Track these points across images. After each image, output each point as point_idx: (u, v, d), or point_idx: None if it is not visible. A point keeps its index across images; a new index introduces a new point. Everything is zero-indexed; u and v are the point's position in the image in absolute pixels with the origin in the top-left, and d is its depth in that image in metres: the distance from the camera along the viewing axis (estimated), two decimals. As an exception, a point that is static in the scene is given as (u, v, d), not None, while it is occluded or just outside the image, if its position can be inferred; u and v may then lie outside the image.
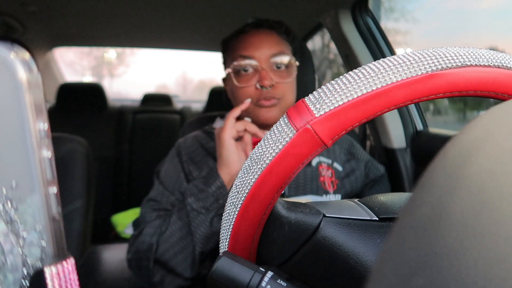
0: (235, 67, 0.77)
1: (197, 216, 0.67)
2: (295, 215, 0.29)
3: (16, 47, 0.18)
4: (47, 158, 0.18)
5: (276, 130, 0.26)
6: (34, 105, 0.18)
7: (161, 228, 0.71)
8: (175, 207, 0.75)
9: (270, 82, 0.74)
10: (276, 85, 0.75)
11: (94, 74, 18.31)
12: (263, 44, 0.76)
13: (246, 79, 0.76)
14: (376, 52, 1.13)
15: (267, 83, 0.73)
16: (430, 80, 0.24)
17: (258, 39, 0.76)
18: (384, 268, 0.13)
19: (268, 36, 0.77)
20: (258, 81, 0.74)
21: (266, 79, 0.73)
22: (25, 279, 0.19)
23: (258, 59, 0.75)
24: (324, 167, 0.82)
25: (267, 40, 0.76)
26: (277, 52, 0.76)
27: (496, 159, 0.13)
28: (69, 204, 0.94)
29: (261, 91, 0.74)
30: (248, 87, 0.76)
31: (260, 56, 0.75)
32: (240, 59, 0.76)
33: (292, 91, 0.79)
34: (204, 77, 27.48)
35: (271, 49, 0.75)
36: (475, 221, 0.11)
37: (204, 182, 0.69)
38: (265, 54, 0.75)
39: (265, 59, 0.75)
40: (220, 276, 0.27)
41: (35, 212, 0.19)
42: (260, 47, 0.75)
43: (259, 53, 0.75)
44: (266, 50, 0.75)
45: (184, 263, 0.68)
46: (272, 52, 0.75)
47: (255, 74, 0.75)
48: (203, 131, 0.86)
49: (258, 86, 0.74)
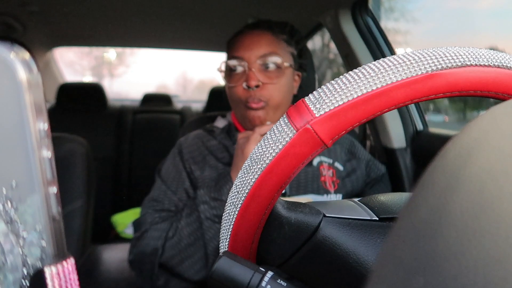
0: (226, 67, 0.78)
1: (212, 225, 0.68)
2: (295, 215, 0.29)
3: (16, 47, 0.18)
4: (47, 158, 0.18)
5: (276, 130, 0.26)
6: (34, 105, 0.18)
7: (167, 233, 0.70)
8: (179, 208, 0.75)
9: (256, 82, 0.74)
10: (263, 86, 0.75)
11: (94, 74, 18.30)
12: (254, 45, 0.76)
13: (235, 79, 0.77)
14: (376, 52, 1.13)
15: (253, 83, 0.73)
16: (430, 80, 0.24)
17: (250, 40, 0.77)
18: (384, 268, 0.13)
19: (260, 37, 0.77)
20: (245, 81, 0.75)
21: (253, 79, 0.74)
22: (25, 279, 0.19)
23: (248, 59, 0.75)
24: (325, 167, 0.82)
25: (258, 41, 0.76)
26: (267, 53, 0.75)
27: (496, 160, 0.13)
28: (69, 204, 0.94)
29: (249, 91, 0.75)
30: (237, 86, 0.76)
31: (249, 56, 0.75)
32: (231, 59, 0.77)
33: (280, 93, 0.77)
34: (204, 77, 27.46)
35: (261, 49, 0.75)
36: (475, 221, 0.11)
37: (217, 190, 0.69)
38: (255, 54, 0.75)
39: (254, 60, 0.75)
40: (220, 276, 0.27)
41: (35, 212, 0.19)
42: (251, 48, 0.76)
43: (248, 53, 0.75)
44: (255, 51, 0.75)
45: (192, 269, 0.69)
46: (262, 53, 0.75)
47: (244, 74, 0.76)
48: (205, 130, 0.86)
49: (244, 86, 0.75)
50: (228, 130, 0.84)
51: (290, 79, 0.80)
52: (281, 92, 0.77)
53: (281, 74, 0.77)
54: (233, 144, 0.81)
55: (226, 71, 0.79)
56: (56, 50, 2.21)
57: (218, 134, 0.84)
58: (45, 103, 0.19)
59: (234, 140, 0.82)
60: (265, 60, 0.75)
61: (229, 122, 0.86)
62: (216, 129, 0.85)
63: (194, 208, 0.70)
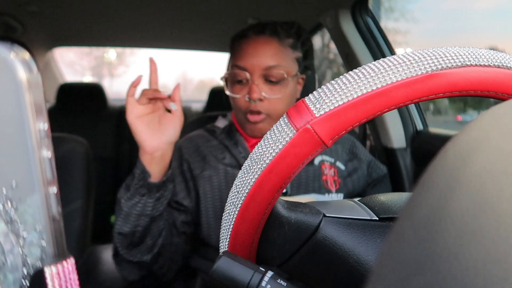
0: (229, 76, 0.78)
1: (127, 200, 0.66)
2: (295, 215, 0.29)
3: (16, 47, 0.18)
4: (47, 158, 0.18)
5: (276, 130, 0.26)
6: (34, 105, 0.18)
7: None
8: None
9: (258, 96, 0.73)
10: (265, 99, 0.74)
11: (94, 74, 18.30)
12: (259, 54, 0.74)
13: (237, 89, 0.76)
14: (376, 52, 1.13)
15: (255, 96, 0.73)
16: (430, 80, 0.24)
17: (255, 49, 0.75)
18: (384, 268, 0.13)
19: (266, 45, 0.75)
20: (248, 93, 0.74)
21: (255, 92, 0.73)
22: (25, 279, 0.19)
23: (251, 71, 0.74)
24: (326, 166, 0.82)
25: (263, 50, 0.75)
26: (272, 65, 0.74)
27: (496, 159, 0.13)
28: (69, 204, 0.94)
29: (250, 103, 0.74)
30: (240, 97, 0.76)
31: (253, 67, 0.74)
32: (234, 69, 0.76)
33: (283, 105, 0.77)
34: (204, 77, 27.46)
35: (267, 60, 0.74)
36: (474, 221, 0.11)
37: (131, 177, 0.68)
38: (259, 66, 0.74)
39: (258, 71, 0.74)
40: (220, 276, 0.27)
41: (35, 212, 0.19)
42: (255, 57, 0.74)
43: (253, 64, 0.74)
44: (261, 61, 0.74)
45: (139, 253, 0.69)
46: (267, 64, 0.74)
47: (247, 85, 0.75)
48: (205, 129, 0.86)
49: (246, 98, 0.75)
50: (229, 130, 0.84)
51: (294, 88, 0.80)
52: (283, 105, 0.77)
53: (284, 87, 0.76)
54: (233, 144, 0.81)
55: (228, 80, 0.78)
56: (56, 50, 2.21)
57: (218, 134, 0.84)
58: (45, 103, 0.19)
59: (234, 140, 0.82)
60: (269, 73, 0.74)
61: (229, 122, 0.86)
62: (217, 129, 0.85)
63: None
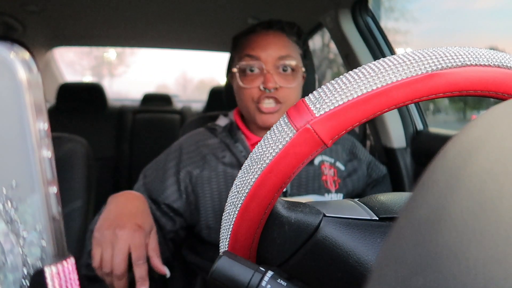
0: (241, 67, 0.77)
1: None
2: (295, 215, 0.29)
3: (16, 47, 0.18)
4: (47, 158, 0.18)
5: (276, 130, 0.26)
6: (34, 105, 0.18)
7: None
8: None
9: (274, 85, 0.73)
10: (280, 88, 0.75)
11: (94, 74, 18.31)
12: (271, 46, 0.75)
13: (250, 79, 0.76)
14: (376, 52, 1.13)
15: (270, 86, 0.73)
16: (430, 80, 0.24)
17: (267, 40, 0.76)
18: (384, 268, 0.13)
19: (277, 38, 0.77)
20: (262, 83, 0.74)
21: (270, 82, 0.73)
22: (25, 278, 0.19)
23: (265, 60, 0.75)
24: (326, 166, 0.82)
25: (275, 42, 0.76)
26: (285, 55, 0.75)
27: (496, 159, 0.13)
28: (69, 204, 0.94)
29: (264, 91, 0.74)
30: (252, 88, 0.76)
31: (266, 57, 0.75)
32: (247, 59, 0.76)
33: (295, 96, 0.78)
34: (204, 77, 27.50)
35: (279, 51, 0.75)
36: (475, 221, 0.11)
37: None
38: (272, 55, 0.75)
39: (271, 61, 0.75)
40: (220, 276, 0.27)
41: (35, 212, 0.19)
42: (268, 48, 0.75)
43: (266, 54, 0.75)
44: (273, 52, 0.75)
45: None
46: (280, 54, 0.75)
47: (260, 76, 0.75)
48: (206, 128, 0.86)
49: (261, 88, 0.74)
50: (230, 128, 0.84)
51: (302, 81, 0.81)
52: (296, 95, 0.78)
53: (296, 77, 0.77)
54: (234, 143, 0.81)
55: (239, 71, 0.78)
56: (56, 50, 2.21)
57: (219, 132, 0.83)
58: (45, 103, 0.19)
59: (235, 139, 0.81)
60: (282, 63, 0.75)
61: (231, 121, 0.86)
62: (217, 127, 0.85)
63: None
